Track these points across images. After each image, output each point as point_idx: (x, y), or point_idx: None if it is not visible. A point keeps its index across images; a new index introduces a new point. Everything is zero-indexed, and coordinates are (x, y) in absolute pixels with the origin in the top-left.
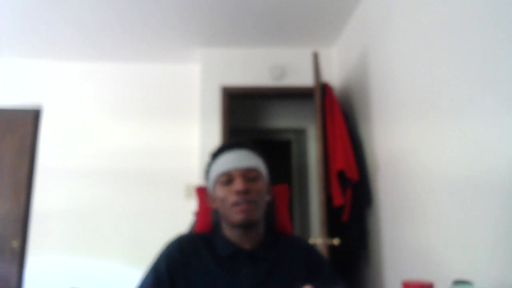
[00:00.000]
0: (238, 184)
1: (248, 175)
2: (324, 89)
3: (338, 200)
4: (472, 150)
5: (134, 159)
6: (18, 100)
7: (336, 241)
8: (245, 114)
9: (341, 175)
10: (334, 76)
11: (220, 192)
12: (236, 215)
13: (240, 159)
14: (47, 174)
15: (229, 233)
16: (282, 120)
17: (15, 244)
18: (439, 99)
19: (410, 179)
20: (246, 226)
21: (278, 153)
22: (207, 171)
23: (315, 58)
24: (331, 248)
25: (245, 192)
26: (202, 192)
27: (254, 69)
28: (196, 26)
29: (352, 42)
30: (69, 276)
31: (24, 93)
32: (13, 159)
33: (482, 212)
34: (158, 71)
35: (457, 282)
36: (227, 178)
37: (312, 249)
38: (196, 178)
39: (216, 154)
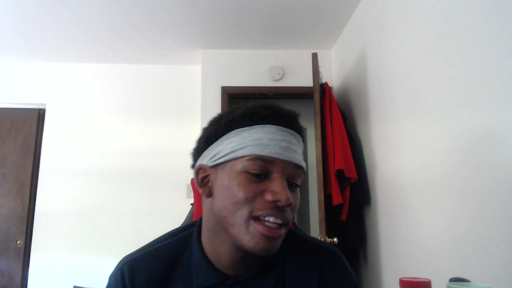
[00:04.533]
0: (282, 191)
1: (294, 178)
2: (323, 89)
3: (337, 199)
4: (468, 149)
5: (137, 158)
6: (22, 100)
7: (335, 240)
8: None
9: (340, 174)
10: (332, 77)
11: (244, 186)
12: (256, 239)
13: (292, 147)
14: (51, 173)
15: (220, 252)
16: None
17: (20, 242)
18: (434, 100)
19: (407, 178)
20: (261, 256)
21: None
22: (221, 132)
23: (314, 58)
24: None
25: (287, 206)
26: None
27: (254, 70)
28: (198, 29)
29: (350, 44)
30: (72, 274)
31: (28, 93)
32: (17, 158)
33: (480, 210)
34: (160, 72)
35: (454, 280)
36: (264, 169)
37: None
38: None
39: (253, 116)
